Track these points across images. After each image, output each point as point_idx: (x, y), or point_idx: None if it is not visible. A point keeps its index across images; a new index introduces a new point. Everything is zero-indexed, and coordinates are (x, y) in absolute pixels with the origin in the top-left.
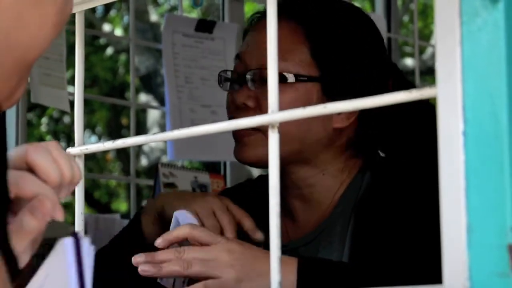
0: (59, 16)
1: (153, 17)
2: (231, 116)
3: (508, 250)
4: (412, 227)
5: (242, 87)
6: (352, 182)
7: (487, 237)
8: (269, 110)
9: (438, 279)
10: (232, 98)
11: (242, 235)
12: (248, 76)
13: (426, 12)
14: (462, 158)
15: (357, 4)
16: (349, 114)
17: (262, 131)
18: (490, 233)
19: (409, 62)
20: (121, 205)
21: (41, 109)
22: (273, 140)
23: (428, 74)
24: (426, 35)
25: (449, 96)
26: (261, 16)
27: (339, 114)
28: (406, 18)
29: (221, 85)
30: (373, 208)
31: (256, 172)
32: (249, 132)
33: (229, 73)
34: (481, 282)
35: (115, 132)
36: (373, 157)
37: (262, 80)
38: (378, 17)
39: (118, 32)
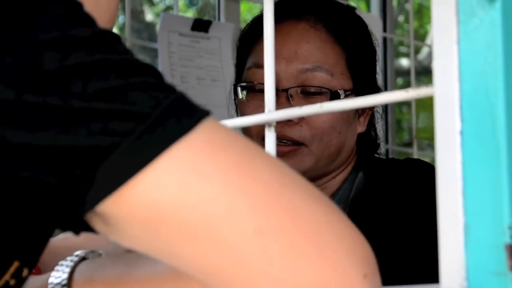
0: None
1: (149, 16)
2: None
3: (505, 250)
4: (406, 227)
5: (279, 100)
6: (346, 181)
7: (484, 236)
8: (266, 109)
9: (433, 279)
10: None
11: None
12: (291, 90)
13: (422, 12)
14: (459, 157)
15: (352, 3)
16: (365, 118)
17: (305, 144)
18: (487, 232)
19: (404, 62)
20: None
21: None
22: (270, 140)
23: (423, 74)
24: (421, 35)
25: (446, 95)
26: (283, 18)
27: (359, 118)
28: (401, 18)
29: (236, 95)
30: (366, 208)
31: None
32: (293, 147)
33: (251, 85)
34: (478, 281)
35: None
36: (366, 156)
37: (306, 94)
38: (374, 17)
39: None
